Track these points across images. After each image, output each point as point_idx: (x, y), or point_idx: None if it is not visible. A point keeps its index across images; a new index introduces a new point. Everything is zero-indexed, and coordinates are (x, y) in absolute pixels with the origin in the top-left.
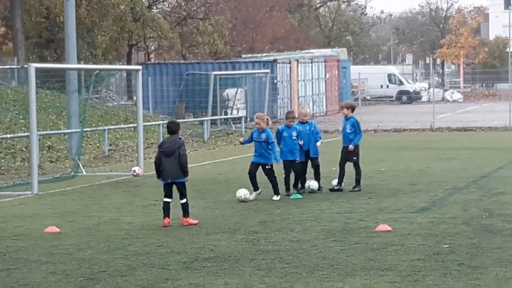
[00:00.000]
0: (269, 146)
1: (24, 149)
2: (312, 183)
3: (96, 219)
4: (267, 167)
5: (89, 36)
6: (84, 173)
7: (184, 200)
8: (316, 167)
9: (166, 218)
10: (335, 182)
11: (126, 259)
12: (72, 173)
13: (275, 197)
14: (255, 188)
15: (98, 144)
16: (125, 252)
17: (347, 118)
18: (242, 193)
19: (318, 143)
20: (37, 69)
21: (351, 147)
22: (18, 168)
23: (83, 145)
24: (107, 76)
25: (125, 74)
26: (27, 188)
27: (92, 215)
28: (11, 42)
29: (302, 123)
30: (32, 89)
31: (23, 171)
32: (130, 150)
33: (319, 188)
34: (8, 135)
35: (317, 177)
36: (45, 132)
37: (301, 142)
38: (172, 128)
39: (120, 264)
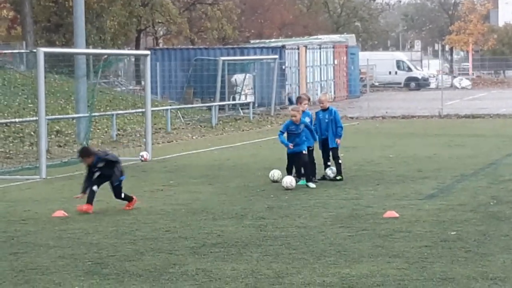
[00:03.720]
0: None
1: (32, 133)
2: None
3: (104, 204)
4: (309, 149)
5: (98, 21)
6: None
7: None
8: (335, 158)
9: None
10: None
11: (134, 244)
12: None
13: (312, 185)
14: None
15: (106, 129)
16: (133, 237)
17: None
18: (277, 174)
19: (338, 141)
20: (45, 54)
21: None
22: (27, 152)
23: (91, 129)
24: (115, 61)
25: (133, 59)
26: (35, 173)
27: (100, 200)
28: (20, 26)
29: (323, 110)
30: (41, 74)
31: (31, 156)
32: (138, 135)
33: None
34: (17, 120)
35: (336, 168)
36: (53, 117)
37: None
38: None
39: (128, 249)
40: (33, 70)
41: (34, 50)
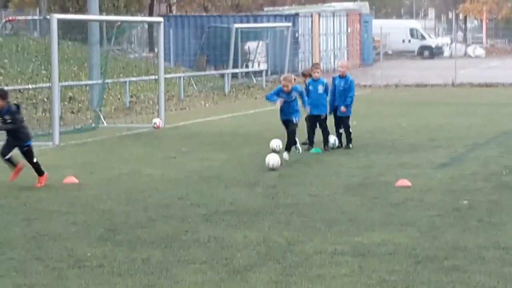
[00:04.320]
0: (297, 103)
1: (45, 100)
2: (332, 138)
3: (117, 171)
4: (294, 120)
5: None
6: (105, 124)
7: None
8: (346, 127)
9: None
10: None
11: (146, 211)
12: (93, 125)
13: (286, 155)
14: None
15: (119, 96)
16: (145, 204)
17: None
18: (275, 143)
19: (343, 109)
20: (59, 20)
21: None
22: (40, 119)
23: (104, 96)
24: (128, 28)
25: (146, 26)
26: (48, 139)
27: (112, 167)
28: None
29: (340, 76)
30: (54, 40)
31: (44, 122)
32: (151, 102)
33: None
34: (30, 86)
35: (347, 136)
36: (66, 83)
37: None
38: None
39: (140, 216)
40: (47, 36)
41: (48, 17)
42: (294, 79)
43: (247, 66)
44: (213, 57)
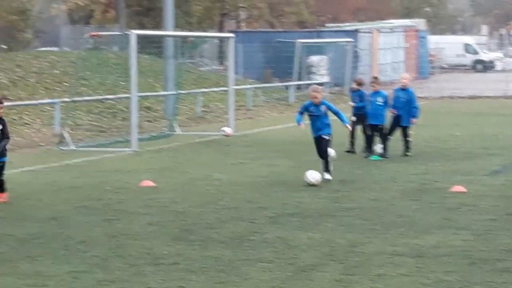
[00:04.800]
0: (328, 116)
1: (124, 109)
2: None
3: (190, 175)
4: (324, 136)
5: (185, 6)
6: (179, 132)
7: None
8: (405, 136)
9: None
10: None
11: (217, 213)
12: (168, 132)
13: (328, 176)
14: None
15: (192, 106)
16: (216, 206)
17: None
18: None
19: (414, 120)
20: (137, 36)
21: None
22: (119, 126)
23: (178, 106)
24: (200, 43)
25: (217, 41)
26: (126, 145)
27: (186, 171)
28: (114, 10)
29: (402, 88)
30: (133, 54)
31: (123, 130)
32: (221, 111)
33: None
34: (110, 96)
35: (406, 145)
36: (143, 94)
37: (394, 111)
38: None
39: (212, 217)
40: (126, 50)
41: (127, 32)
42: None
43: (310, 79)
44: (279, 70)
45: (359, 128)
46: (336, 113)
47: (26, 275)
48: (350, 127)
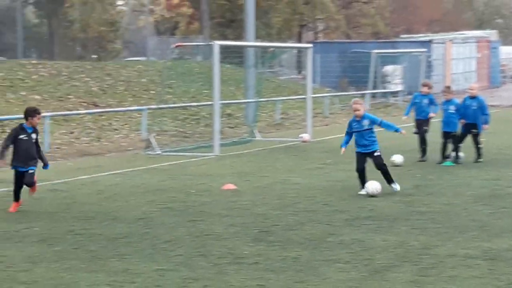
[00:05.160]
0: (373, 131)
1: (207, 116)
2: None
3: (269, 179)
4: (375, 154)
5: (266, 17)
6: (259, 138)
7: None
8: (477, 143)
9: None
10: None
11: (296, 215)
12: (249, 138)
13: (395, 186)
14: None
15: (271, 113)
16: (295, 209)
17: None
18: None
19: (486, 127)
20: (220, 46)
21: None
22: (202, 132)
23: (258, 113)
24: (280, 53)
25: (295, 51)
26: (209, 150)
27: (265, 176)
28: (198, 22)
29: (471, 97)
30: (216, 64)
31: (206, 135)
32: (299, 118)
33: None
34: (194, 104)
35: (477, 151)
36: (225, 102)
37: (462, 122)
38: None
39: (291, 219)
40: (209, 60)
41: (210, 43)
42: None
43: (385, 87)
44: (355, 79)
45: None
46: (381, 124)
47: (115, 272)
48: (404, 132)
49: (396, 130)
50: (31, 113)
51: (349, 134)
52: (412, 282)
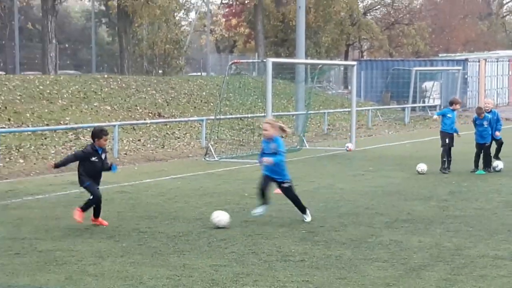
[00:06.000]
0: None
1: (261, 126)
2: (498, 163)
3: (316, 184)
4: (284, 185)
5: (315, 37)
6: (307, 147)
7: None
8: (499, 145)
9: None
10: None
11: (339, 217)
12: (298, 147)
13: (307, 218)
14: (264, 201)
15: (319, 124)
16: (339, 212)
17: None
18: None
19: (497, 133)
20: (273, 63)
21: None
22: (256, 141)
23: (307, 124)
24: (328, 70)
25: (342, 68)
26: None
27: (312, 181)
28: (253, 41)
29: (488, 111)
30: (269, 79)
31: (259, 144)
32: (345, 129)
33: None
34: (249, 115)
35: (497, 153)
36: (277, 113)
37: (498, 134)
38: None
39: (335, 221)
40: (263, 75)
41: (264, 60)
42: (281, 127)
43: (423, 102)
44: (396, 94)
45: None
46: (279, 156)
47: (174, 267)
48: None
49: (283, 180)
50: (98, 134)
51: (262, 154)
52: (445, 280)
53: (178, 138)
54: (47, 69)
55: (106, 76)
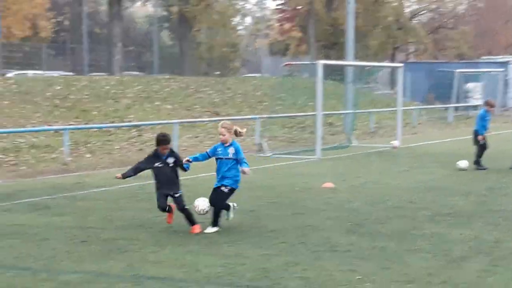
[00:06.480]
0: (237, 165)
1: (311, 124)
2: None
3: (363, 179)
4: (225, 189)
5: (364, 40)
6: (355, 144)
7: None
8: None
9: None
10: None
11: (384, 211)
12: (346, 144)
13: (211, 229)
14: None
15: (366, 123)
16: (384, 206)
17: None
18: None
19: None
20: (323, 65)
21: None
22: (306, 138)
23: (355, 123)
24: (375, 71)
25: (389, 70)
26: (312, 154)
27: (359, 176)
28: (305, 44)
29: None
30: (319, 80)
31: (309, 141)
32: (391, 128)
33: None
34: (300, 114)
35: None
36: (327, 112)
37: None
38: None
39: (380, 214)
40: (314, 77)
41: (315, 62)
42: (237, 130)
43: (466, 102)
44: (440, 94)
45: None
46: (241, 161)
47: (228, 256)
48: (247, 172)
49: (244, 168)
50: (158, 141)
51: (204, 157)
52: (484, 271)
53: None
54: (112, 71)
55: (167, 77)
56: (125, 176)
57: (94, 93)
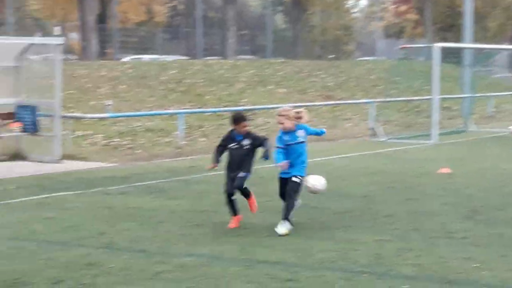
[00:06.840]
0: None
1: (427, 108)
2: None
3: (480, 165)
4: (296, 179)
5: (482, 22)
6: (473, 129)
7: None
8: None
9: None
10: None
11: (502, 197)
12: (463, 129)
13: (281, 229)
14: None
15: (484, 107)
16: (501, 191)
17: None
18: None
19: None
20: (440, 48)
21: None
22: (422, 123)
23: (473, 107)
24: (493, 53)
25: (508, 52)
26: (428, 139)
27: (476, 161)
28: (422, 26)
29: None
30: (436, 63)
31: (425, 126)
32: (509, 112)
33: None
34: (415, 98)
35: None
36: (443, 96)
37: None
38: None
39: (497, 200)
40: (430, 60)
41: (432, 45)
42: (298, 111)
43: None
44: None
45: None
46: (314, 132)
47: (340, 241)
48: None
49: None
50: (236, 119)
51: (280, 150)
52: None
53: (347, 119)
54: (226, 55)
55: (280, 60)
56: (215, 162)
57: (208, 77)
